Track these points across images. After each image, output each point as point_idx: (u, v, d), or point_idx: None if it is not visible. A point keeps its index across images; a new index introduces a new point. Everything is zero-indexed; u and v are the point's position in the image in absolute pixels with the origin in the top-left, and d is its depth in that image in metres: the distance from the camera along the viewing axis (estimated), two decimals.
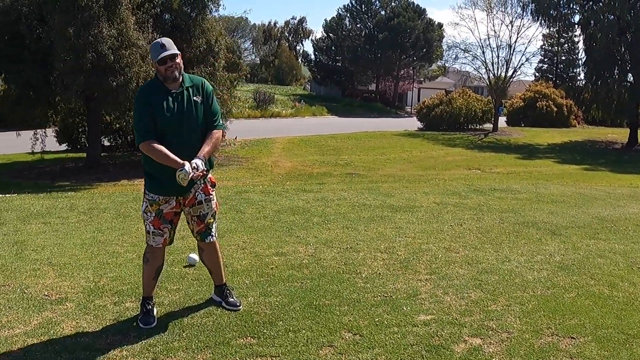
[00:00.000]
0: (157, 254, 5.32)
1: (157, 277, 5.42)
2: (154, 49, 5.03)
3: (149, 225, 5.23)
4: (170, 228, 5.27)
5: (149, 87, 5.21)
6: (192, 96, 5.14)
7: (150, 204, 5.20)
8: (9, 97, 24.22)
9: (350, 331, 5.04)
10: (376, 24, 75.42)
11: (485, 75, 47.54)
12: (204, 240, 5.44)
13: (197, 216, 5.33)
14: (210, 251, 5.56)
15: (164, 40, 5.04)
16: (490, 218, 9.76)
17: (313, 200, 11.22)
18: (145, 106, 5.01)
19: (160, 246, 5.27)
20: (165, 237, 5.27)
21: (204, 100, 5.21)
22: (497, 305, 5.68)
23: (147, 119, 4.98)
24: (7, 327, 5.15)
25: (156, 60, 4.98)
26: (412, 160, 29.50)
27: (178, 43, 20.67)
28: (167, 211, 5.21)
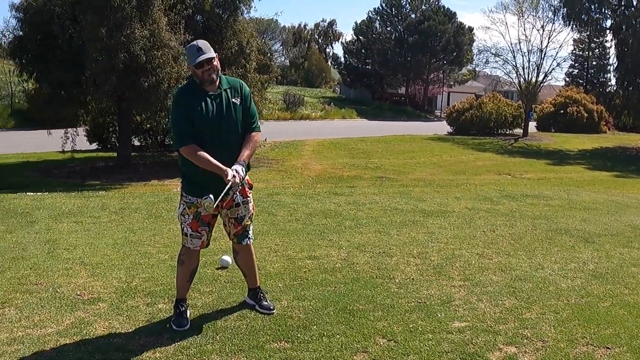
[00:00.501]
0: (193, 256, 5.29)
1: (191, 279, 5.38)
2: (190, 53, 4.98)
3: (187, 227, 5.18)
4: (207, 230, 5.22)
5: (186, 90, 5.15)
6: (231, 98, 5.08)
7: (188, 207, 5.15)
8: (41, 96, 24.40)
9: (385, 337, 4.97)
10: (406, 27, 75.36)
11: (516, 80, 47.27)
12: (240, 242, 5.40)
13: (235, 218, 5.28)
14: (246, 254, 5.51)
15: (200, 43, 4.98)
16: (523, 224, 9.65)
17: (345, 203, 11.16)
18: (183, 109, 4.96)
19: (197, 248, 5.24)
20: (203, 240, 5.22)
21: (243, 102, 5.15)
22: (532, 313, 5.58)
23: (185, 122, 4.93)
24: (40, 326, 5.13)
25: (193, 64, 4.92)
26: (442, 164, 29.37)
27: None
28: (205, 214, 5.15)
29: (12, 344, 4.79)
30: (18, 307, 5.57)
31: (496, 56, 47.97)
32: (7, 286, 6.16)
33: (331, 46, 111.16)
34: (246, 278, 5.71)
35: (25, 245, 7.86)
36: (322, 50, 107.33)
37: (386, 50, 76.37)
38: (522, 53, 48.64)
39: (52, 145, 26.77)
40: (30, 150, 29.33)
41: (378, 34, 79.45)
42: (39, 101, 24.72)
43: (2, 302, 5.71)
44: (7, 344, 4.80)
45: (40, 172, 24.25)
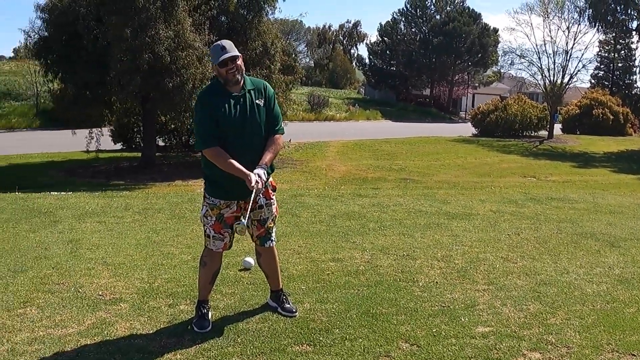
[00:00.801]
0: (216, 258, 5.25)
1: (213, 281, 5.35)
2: (214, 52, 4.94)
3: (210, 229, 5.14)
4: (230, 232, 5.18)
5: (210, 90, 5.10)
6: (255, 99, 5.03)
7: (210, 208, 5.11)
8: (66, 96, 24.57)
9: (408, 341, 4.90)
10: (431, 29, 75.23)
11: (541, 82, 47.03)
12: (263, 244, 5.35)
13: (258, 220, 5.24)
14: (269, 256, 5.47)
15: (225, 43, 4.93)
16: (548, 228, 9.51)
17: (369, 205, 11.08)
18: (206, 109, 4.91)
19: (220, 250, 5.20)
20: (226, 242, 5.18)
21: (266, 103, 5.10)
22: (557, 318, 5.49)
23: (209, 123, 4.88)
24: (61, 326, 5.13)
25: (217, 62, 4.88)
26: (467, 166, 29.27)
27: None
28: (228, 215, 5.10)
29: (32, 344, 4.78)
30: (40, 307, 5.56)
31: (521, 57, 47.86)
32: (29, 285, 6.16)
33: (356, 47, 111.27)
34: (269, 280, 5.65)
35: (48, 244, 7.86)
36: (346, 52, 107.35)
37: (411, 52, 76.26)
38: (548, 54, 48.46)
39: (77, 145, 26.96)
40: (55, 150, 29.54)
41: (403, 35, 79.35)
42: (64, 101, 24.92)
43: (24, 301, 5.71)
44: (28, 343, 4.79)
45: (64, 172, 24.43)
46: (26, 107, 46.10)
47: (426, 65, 75.44)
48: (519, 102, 47.86)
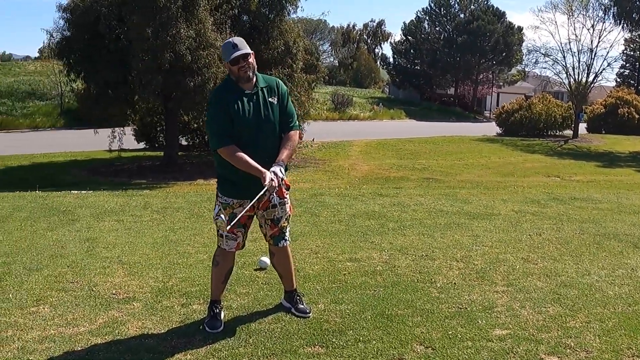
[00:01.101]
0: (228, 258, 5.19)
1: (226, 280, 5.29)
2: (225, 49, 4.88)
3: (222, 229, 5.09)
4: (243, 232, 5.13)
5: (223, 88, 5.03)
6: (268, 97, 4.96)
7: (223, 207, 5.06)
8: (89, 96, 24.69)
9: (422, 344, 4.81)
10: (455, 27, 75.01)
11: (566, 80, 46.67)
12: (276, 244, 5.28)
13: (271, 220, 5.17)
14: (282, 255, 5.40)
15: (236, 40, 4.87)
16: (570, 228, 9.33)
17: (389, 205, 10.99)
18: (221, 107, 4.85)
19: (233, 250, 5.15)
20: (239, 241, 5.13)
21: (280, 101, 5.03)
22: (576, 321, 5.35)
23: (224, 121, 4.83)
24: (73, 325, 5.11)
25: (228, 60, 4.83)
26: (491, 166, 29.11)
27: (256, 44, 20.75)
28: (242, 215, 5.05)
29: (43, 342, 4.76)
30: (53, 305, 5.55)
31: (546, 56, 47.48)
32: (44, 284, 6.16)
33: (380, 46, 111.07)
34: (283, 280, 5.59)
35: (64, 243, 7.87)
36: (371, 51, 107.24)
37: (435, 51, 76.07)
38: (572, 53, 47.94)
39: (100, 145, 27.12)
40: (79, 150, 29.70)
41: (427, 34, 79.18)
42: (87, 101, 25.02)
43: (37, 299, 5.71)
44: (39, 342, 4.78)
45: (87, 171, 24.56)
46: (50, 106, 46.46)
47: (450, 64, 75.22)
48: (543, 101, 47.51)
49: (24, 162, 26.24)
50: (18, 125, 42.79)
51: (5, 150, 29.17)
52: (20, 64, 65.26)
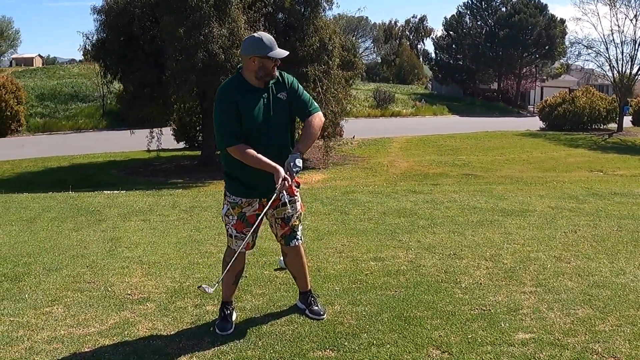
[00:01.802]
0: (238, 258, 5.04)
1: (237, 281, 5.19)
2: (257, 43, 4.70)
3: (231, 228, 5.00)
4: (253, 231, 5.00)
5: (232, 86, 4.84)
6: (277, 93, 4.83)
7: (232, 207, 4.96)
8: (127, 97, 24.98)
9: (439, 348, 4.63)
10: (497, 21, 74.42)
11: (610, 73, 45.95)
12: (288, 244, 5.15)
13: (282, 218, 5.04)
14: (294, 255, 5.26)
15: (269, 36, 4.75)
16: (608, 225, 8.99)
17: (422, 202, 10.80)
18: (230, 105, 4.71)
19: (242, 250, 5.02)
20: (248, 241, 5.00)
21: (290, 93, 4.88)
22: (606, 324, 5.10)
23: (233, 120, 4.69)
24: (83, 326, 5.08)
25: (267, 54, 4.66)
26: (532, 161, 28.78)
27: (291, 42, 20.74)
28: (250, 214, 4.94)
29: (51, 343, 4.75)
30: (66, 306, 5.54)
31: (588, 48, 46.80)
32: (61, 284, 6.15)
33: (422, 42, 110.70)
34: (297, 281, 5.47)
35: (88, 243, 7.88)
36: (413, 47, 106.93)
37: (477, 45, 75.52)
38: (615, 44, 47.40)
39: (140, 145, 27.35)
40: (119, 150, 29.97)
41: (468, 29, 78.67)
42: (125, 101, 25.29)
43: (52, 300, 5.70)
44: (47, 342, 4.77)
45: (126, 171, 24.82)
46: (93, 108, 47.10)
47: (493, 59, 74.61)
48: (587, 94, 46.90)
49: (63, 163, 26.58)
50: (61, 127, 43.44)
51: (47, 152, 29.59)
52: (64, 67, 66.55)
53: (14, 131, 41.46)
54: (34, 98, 47.08)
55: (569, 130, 44.44)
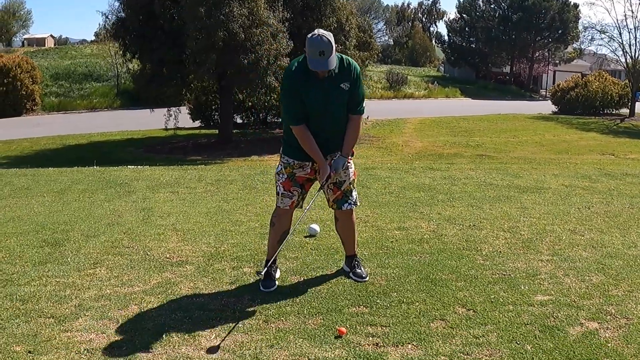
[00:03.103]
0: (284, 218, 5.32)
1: (282, 241, 5.36)
2: (309, 44, 4.74)
3: (280, 186, 5.26)
4: (300, 192, 5.27)
5: (298, 70, 4.99)
6: (340, 83, 5.01)
7: (284, 167, 5.24)
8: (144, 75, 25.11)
9: (464, 306, 4.90)
10: (510, 5, 73.89)
11: (623, 58, 45.81)
12: (340, 207, 5.38)
13: (334, 183, 5.29)
14: (346, 220, 5.49)
15: (324, 45, 4.72)
16: (620, 202, 9.23)
17: (440, 178, 11.05)
18: (294, 88, 4.95)
19: (287, 208, 5.28)
20: (294, 200, 5.26)
21: (352, 85, 5.07)
22: (619, 290, 5.36)
23: (297, 102, 4.95)
24: (127, 285, 5.33)
25: (311, 65, 4.80)
26: (545, 143, 28.86)
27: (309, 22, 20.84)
28: (300, 175, 5.23)
29: (99, 300, 4.99)
30: (109, 268, 5.79)
31: (601, 33, 46.62)
32: (101, 249, 6.41)
33: (435, 25, 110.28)
34: (344, 245, 5.72)
35: (121, 212, 8.14)
36: (425, 29, 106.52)
37: (490, 28, 75.12)
38: (629, 29, 46.98)
39: (156, 124, 27.66)
40: (135, 129, 30.19)
41: (482, 12, 78.22)
42: (142, 80, 25.44)
43: (94, 262, 5.95)
44: (95, 299, 5.00)
45: (144, 149, 25.06)
46: (107, 87, 47.29)
47: (506, 42, 74.24)
48: (599, 79, 46.75)
49: (81, 141, 26.85)
50: (76, 106, 43.67)
51: (64, 130, 29.84)
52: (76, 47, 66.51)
53: (29, 110, 41.74)
54: (48, 78, 47.28)
55: (581, 114, 44.32)
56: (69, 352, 4.09)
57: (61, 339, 4.27)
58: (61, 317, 4.64)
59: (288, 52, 22.31)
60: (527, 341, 4.32)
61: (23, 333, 4.36)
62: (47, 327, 4.46)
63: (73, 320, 4.60)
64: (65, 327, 4.46)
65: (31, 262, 5.97)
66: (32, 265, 5.90)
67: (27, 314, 4.69)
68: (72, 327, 4.48)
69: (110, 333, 4.39)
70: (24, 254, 6.27)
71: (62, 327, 4.47)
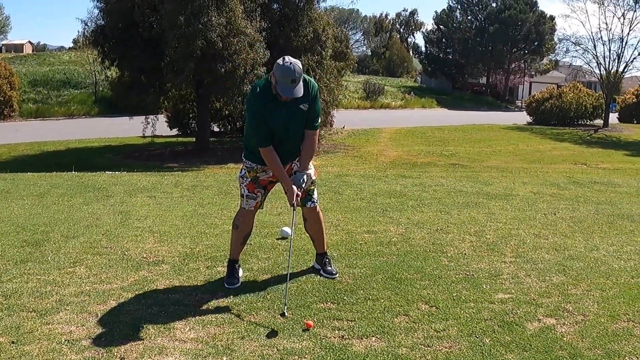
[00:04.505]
0: (248, 219, 5.59)
1: (244, 242, 5.72)
2: (283, 73, 4.98)
3: (244, 188, 5.53)
4: (263, 193, 5.56)
5: (262, 95, 5.22)
6: (300, 104, 5.26)
7: (248, 171, 5.51)
8: (122, 83, 25.20)
9: (427, 303, 5.16)
10: (487, 16, 74.60)
11: (597, 70, 46.37)
12: (305, 205, 5.64)
13: None
14: (314, 219, 5.77)
15: (297, 73, 5.00)
16: (586, 209, 9.51)
17: (411, 185, 11.29)
18: (259, 112, 5.18)
19: (252, 209, 5.55)
20: (258, 201, 5.55)
21: (310, 104, 5.33)
22: (578, 289, 5.62)
23: (265, 127, 5.20)
24: (106, 282, 5.55)
25: (281, 91, 5.03)
26: (518, 153, 29.16)
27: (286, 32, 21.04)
28: (263, 178, 5.51)
29: (79, 296, 5.20)
30: (88, 267, 6.00)
31: (576, 45, 47.12)
32: (80, 249, 6.60)
33: (413, 36, 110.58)
34: (314, 243, 5.99)
35: (99, 215, 8.33)
36: (403, 40, 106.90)
37: (467, 40, 75.72)
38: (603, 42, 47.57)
39: (133, 131, 27.71)
40: (113, 136, 30.23)
41: (459, 23, 78.84)
42: (121, 88, 25.54)
43: (73, 262, 6.15)
44: (75, 295, 5.22)
45: (121, 155, 25.11)
46: (85, 94, 47.14)
47: (482, 54, 74.84)
48: (574, 90, 47.24)
49: (59, 148, 26.84)
50: (54, 113, 43.51)
51: (42, 137, 29.80)
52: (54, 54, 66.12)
53: (7, 116, 41.52)
54: (26, 84, 46.98)
55: (556, 125, 44.73)
56: (51, 342, 4.30)
57: (43, 331, 4.47)
58: (42, 311, 4.84)
59: (265, 61, 22.51)
60: (486, 335, 4.57)
61: (6, 325, 4.56)
62: (30, 320, 4.66)
63: (54, 314, 4.80)
64: (47, 320, 4.67)
65: (13, 261, 6.15)
66: (13, 263, 6.08)
67: (10, 309, 4.88)
68: (53, 320, 4.68)
69: (89, 326, 4.60)
70: (5, 253, 6.45)
71: (44, 320, 4.67)
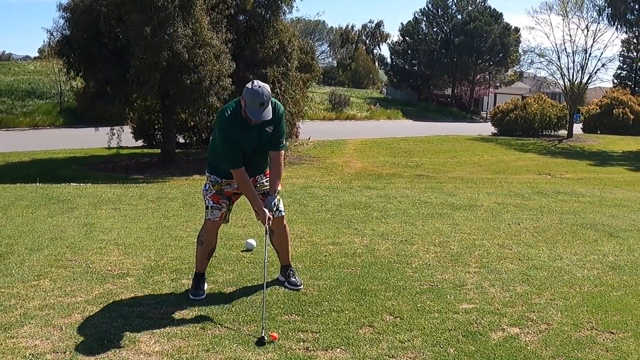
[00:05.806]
0: (212, 235, 5.62)
1: (209, 257, 5.76)
2: (252, 97, 5.09)
3: (209, 200, 5.56)
4: (227, 204, 5.60)
5: (232, 119, 5.31)
6: (266, 127, 5.35)
7: (212, 184, 5.57)
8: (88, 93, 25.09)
9: (392, 314, 5.21)
10: (452, 28, 75.27)
11: (561, 81, 46.93)
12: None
13: (262, 194, 5.57)
14: (281, 231, 5.81)
15: (265, 96, 5.11)
16: (549, 219, 9.67)
17: (376, 196, 11.36)
18: (230, 135, 5.25)
19: (217, 219, 5.56)
20: (223, 212, 5.57)
21: (275, 126, 5.41)
22: (542, 299, 5.72)
23: (237, 149, 5.28)
24: (70, 296, 5.53)
25: (250, 114, 5.13)
26: (483, 164, 29.42)
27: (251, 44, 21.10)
28: (227, 190, 5.56)
29: (43, 309, 5.17)
30: (52, 279, 5.97)
31: (541, 56, 47.71)
32: (44, 262, 6.56)
33: (378, 47, 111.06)
34: (278, 255, 6.03)
35: (64, 227, 8.27)
36: (369, 52, 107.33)
37: (432, 51, 76.27)
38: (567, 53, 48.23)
39: (99, 142, 27.49)
40: (78, 147, 30.02)
41: (424, 35, 79.40)
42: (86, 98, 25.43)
43: (38, 275, 6.11)
44: (39, 309, 5.18)
45: (86, 167, 24.94)
46: (50, 105, 46.66)
47: (447, 65, 75.46)
48: (538, 101, 47.81)
49: (24, 159, 26.58)
50: (18, 123, 43.02)
51: (6, 147, 29.47)
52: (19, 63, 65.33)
53: None
54: None
55: (520, 135, 45.29)
56: (15, 356, 4.29)
57: (7, 345, 4.46)
58: (7, 324, 4.82)
59: (230, 72, 22.56)
60: (450, 345, 4.64)
61: None
62: None
63: (18, 327, 4.78)
64: (11, 334, 4.65)
65: None
66: None
67: None
68: (18, 334, 4.66)
69: (54, 339, 4.58)
70: None
71: (8, 334, 4.65)
